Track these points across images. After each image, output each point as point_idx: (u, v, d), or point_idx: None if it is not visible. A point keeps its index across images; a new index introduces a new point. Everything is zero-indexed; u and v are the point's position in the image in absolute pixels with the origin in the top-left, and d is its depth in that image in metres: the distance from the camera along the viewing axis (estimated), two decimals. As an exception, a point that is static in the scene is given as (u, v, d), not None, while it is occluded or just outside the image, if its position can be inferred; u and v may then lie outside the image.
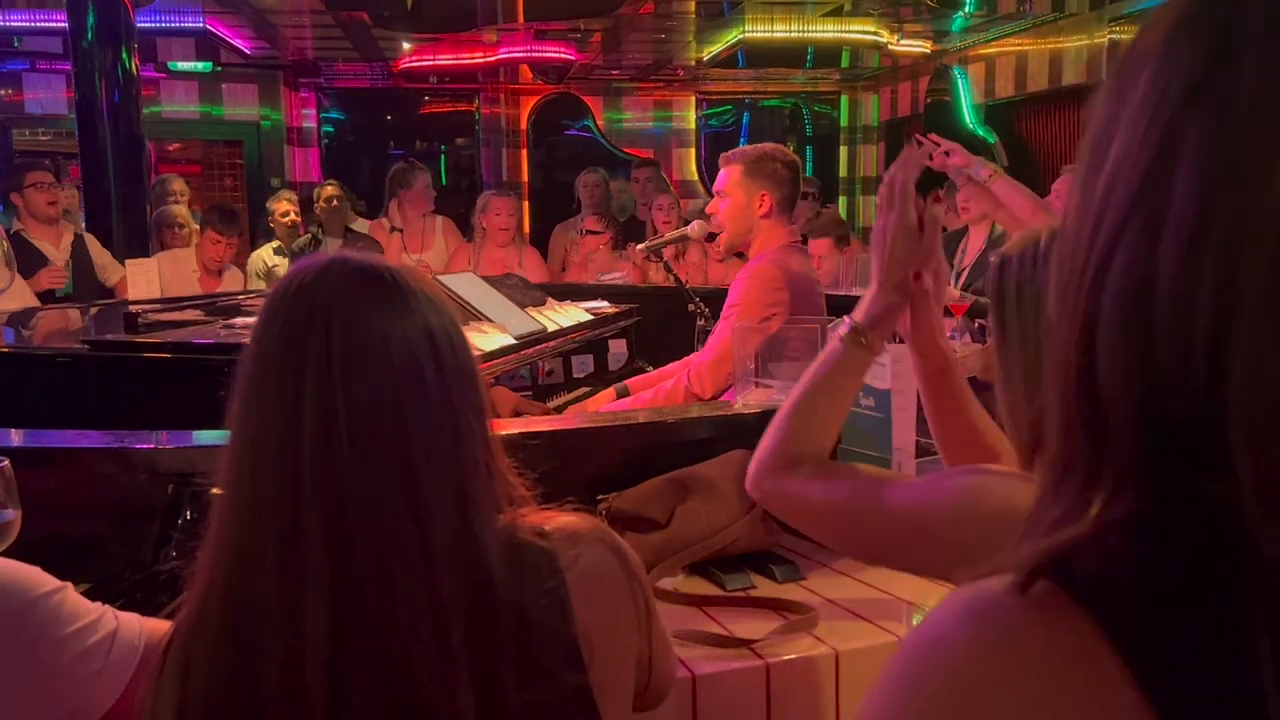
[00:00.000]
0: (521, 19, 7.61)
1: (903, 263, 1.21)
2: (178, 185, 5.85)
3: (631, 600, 1.03)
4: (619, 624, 1.02)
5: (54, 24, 6.47)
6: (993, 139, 7.32)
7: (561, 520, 1.03)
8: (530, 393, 3.23)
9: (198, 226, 5.04)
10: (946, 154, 3.46)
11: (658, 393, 2.67)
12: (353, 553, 0.92)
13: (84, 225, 4.93)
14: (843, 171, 9.69)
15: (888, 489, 1.11)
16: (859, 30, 7.64)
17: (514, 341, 2.73)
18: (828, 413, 1.21)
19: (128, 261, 4.32)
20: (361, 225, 6.09)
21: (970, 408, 1.30)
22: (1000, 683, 0.45)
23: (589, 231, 5.20)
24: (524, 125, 9.54)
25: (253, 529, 0.94)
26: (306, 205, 6.09)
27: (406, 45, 8.29)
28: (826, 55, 9.21)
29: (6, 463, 1.45)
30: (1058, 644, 0.45)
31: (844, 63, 9.51)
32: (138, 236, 5.00)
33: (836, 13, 7.46)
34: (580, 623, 0.97)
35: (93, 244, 4.71)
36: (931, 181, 3.97)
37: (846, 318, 1.22)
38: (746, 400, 1.99)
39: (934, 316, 1.27)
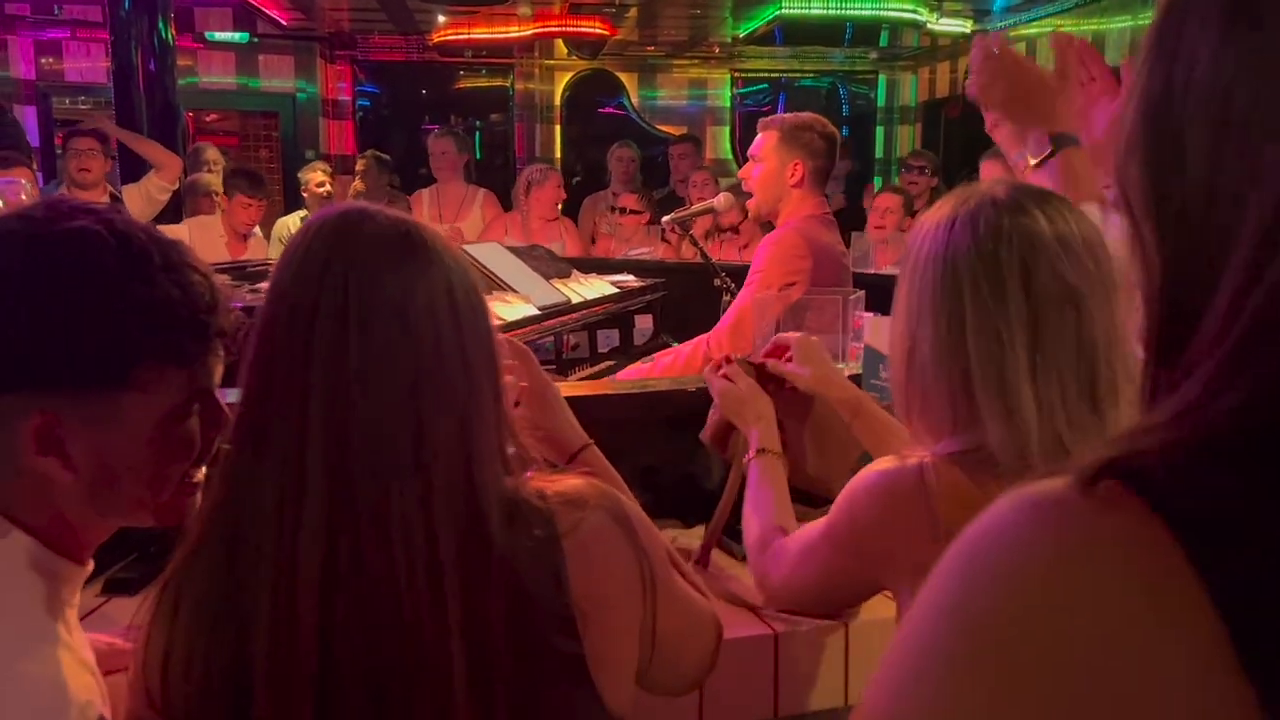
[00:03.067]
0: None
1: (750, 410, 1.58)
2: (211, 154, 5.87)
3: (636, 569, 1.01)
4: (618, 594, 0.99)
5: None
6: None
7: (566, 484, 1.02)
8: (554, 365, 3.22)
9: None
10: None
11: (676, 358, 2.66)
12: (353, 494, 0.91)
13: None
14: (879, 152, 9.60)
15: (808, 527, 1.30)
16: (898, 8, 7.54)
17: (537, 312, 2.73)
18: (780, 503, 1.46)
19: (161, 230, 4.34)
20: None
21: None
22: (1061, 575, 0.44)
23: (628, 210, 5.14)
24: (558, 101, 9.52)
25: (255, 461, 0.94)
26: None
27: (442, 18, 8.28)
28: (864, 33, 9.10)
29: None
30: (1120, 536, 0.44)
31: (882, 42, 9.39)
32: (171, 205, 5.04)
33: (875, -10, 7.38)
34: (575, 590, 0.95)
35: (129, 194, 4.75)
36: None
37: (752, 450, 1.53)
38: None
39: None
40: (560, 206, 5.00)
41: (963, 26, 7.90)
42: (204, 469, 1.04)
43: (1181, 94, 0.47)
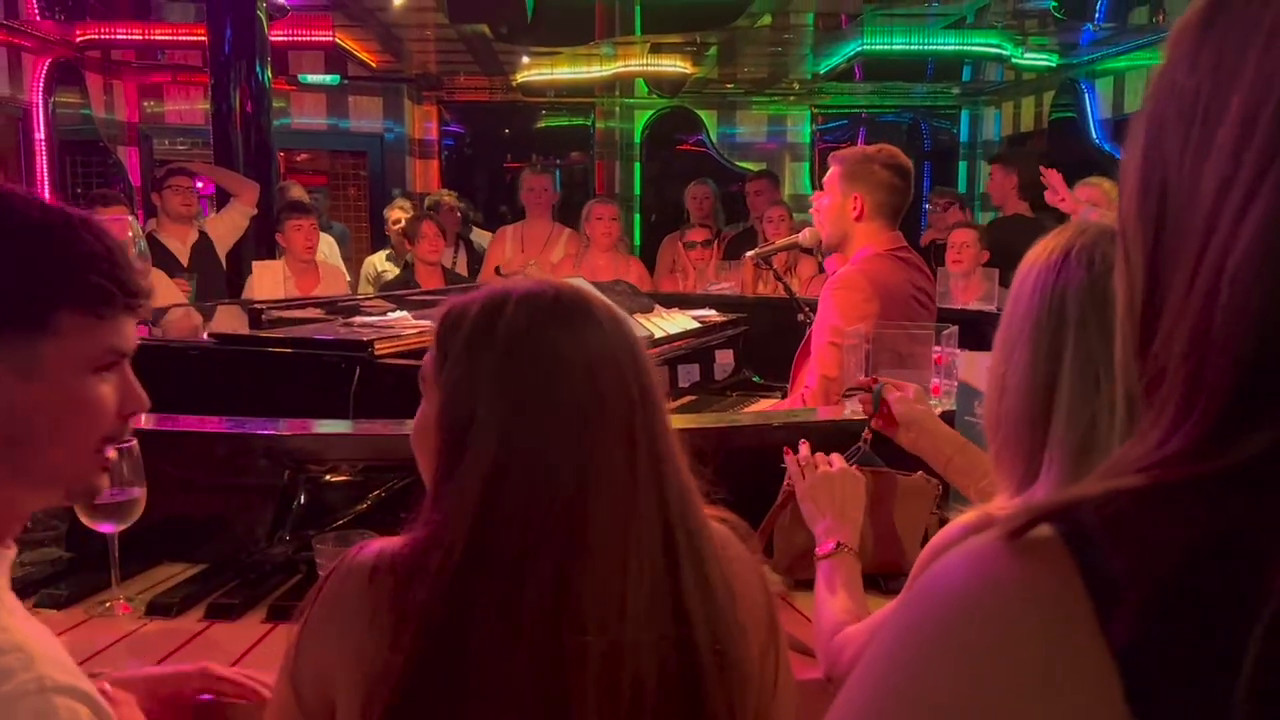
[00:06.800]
0: (638, 32, 7.68)
1: (851, 509, 1.55)
2: (296, 192, 6.04)
3: (767, 607, 1.07)
4: (753, 623, 1.04)
5: (195, 38, 6.79)
6: (1120, 157, 7.08)
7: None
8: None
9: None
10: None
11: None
12: (668, 492, 1.00)
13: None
14: (962, 187, 9.49)
15: (883, 609, 1.31)
16: (982, 43, 7.48)
17: (621, 346, 2.74)
18: (856, 596, 1.45)
19: (254, 264, 4.48)
20: (480, 235, 6.19)
21: None
22: (980, 627, 0.46)
23: (696, 244, 5.17)
24: (638, 139, 9.62)
25: (523, 510, 0.96)
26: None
27: (525, 59, 8.45)
28: (947, 68, 9.05)
29: (135, 443, 1.52)
30: (1037, 591, 0.45)
31: (965, 76, 9.32)
32: (265, 241, 5.19)
33: (958, 25, 7.33)
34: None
35: (212, 226, 4.90)
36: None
37: (830, 542, 1.51)
38: (854, 407, 1.96)
39: None
40: (614, 237, 5.01)
41: (1048, 60, 7.80)
42: (116, 449, 1.10)
43: (1168, 101, 0.51)
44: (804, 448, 1.66)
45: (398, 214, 5.86)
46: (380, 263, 5.63)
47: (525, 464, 0.96)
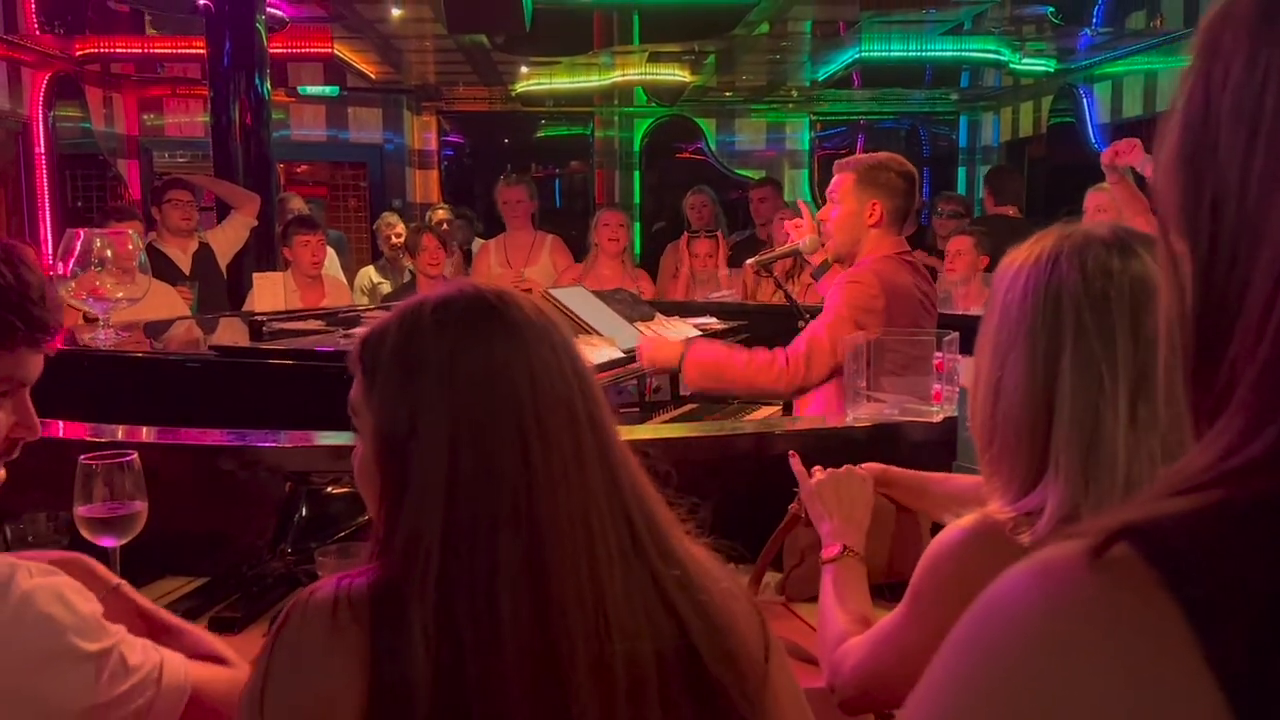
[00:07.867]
0: (637, 41, 7.70)
1: (858, 513, 1.55)
2: (296, 204, 6.06)
3: (760, 630, 1.02)
4: (746, 648, 1.00)
5: (194, 51, 6.80)
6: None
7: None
8: (637, 408, 3.23)
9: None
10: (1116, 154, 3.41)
11: (753, 357, 2.52)
12: (621, 483, 0.98)
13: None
14: (961, 193, 9.50)
15: (885, 617, 1.28)
16: (980, 49, 7.49)
17: (621, 355, 2.75)
18: (864, 603, 1.44)
19: (255, 275, 4.48)
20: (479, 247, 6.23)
21: None
22: (1061, 650, 0.42)
23: (700, 255, 5.17)
24: (637, 147, 9.64)
25: (487, 531, 0.93)
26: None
27: (524, 69, 8.47)
28: (945, 75, 9.07)
29: (135, 456, 1.52)
30: (1124, 614, 0.42)
31: (963, 82, 9.34)
32: (266, 253, 5.19)
33: (956, 31, 7.34)
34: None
35: (213, 237, 4.90)
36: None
37: (836, 546, 1.49)
38: (857, 415, 1.95)
39: None
40: (622, 244, 5.00)
41: (1046, 66, 7.82)
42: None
43: (1218, 100, 0.47)
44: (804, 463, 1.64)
45: (385, 230, 5.93)
46: (374, 275, 5.67)
47: (476, 470, 0.93)
